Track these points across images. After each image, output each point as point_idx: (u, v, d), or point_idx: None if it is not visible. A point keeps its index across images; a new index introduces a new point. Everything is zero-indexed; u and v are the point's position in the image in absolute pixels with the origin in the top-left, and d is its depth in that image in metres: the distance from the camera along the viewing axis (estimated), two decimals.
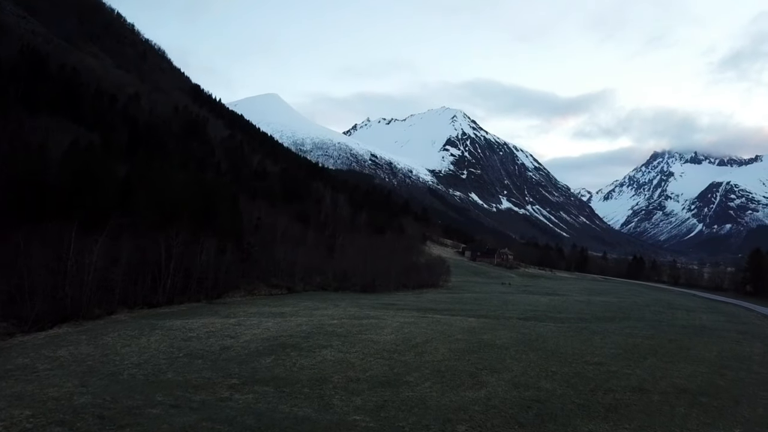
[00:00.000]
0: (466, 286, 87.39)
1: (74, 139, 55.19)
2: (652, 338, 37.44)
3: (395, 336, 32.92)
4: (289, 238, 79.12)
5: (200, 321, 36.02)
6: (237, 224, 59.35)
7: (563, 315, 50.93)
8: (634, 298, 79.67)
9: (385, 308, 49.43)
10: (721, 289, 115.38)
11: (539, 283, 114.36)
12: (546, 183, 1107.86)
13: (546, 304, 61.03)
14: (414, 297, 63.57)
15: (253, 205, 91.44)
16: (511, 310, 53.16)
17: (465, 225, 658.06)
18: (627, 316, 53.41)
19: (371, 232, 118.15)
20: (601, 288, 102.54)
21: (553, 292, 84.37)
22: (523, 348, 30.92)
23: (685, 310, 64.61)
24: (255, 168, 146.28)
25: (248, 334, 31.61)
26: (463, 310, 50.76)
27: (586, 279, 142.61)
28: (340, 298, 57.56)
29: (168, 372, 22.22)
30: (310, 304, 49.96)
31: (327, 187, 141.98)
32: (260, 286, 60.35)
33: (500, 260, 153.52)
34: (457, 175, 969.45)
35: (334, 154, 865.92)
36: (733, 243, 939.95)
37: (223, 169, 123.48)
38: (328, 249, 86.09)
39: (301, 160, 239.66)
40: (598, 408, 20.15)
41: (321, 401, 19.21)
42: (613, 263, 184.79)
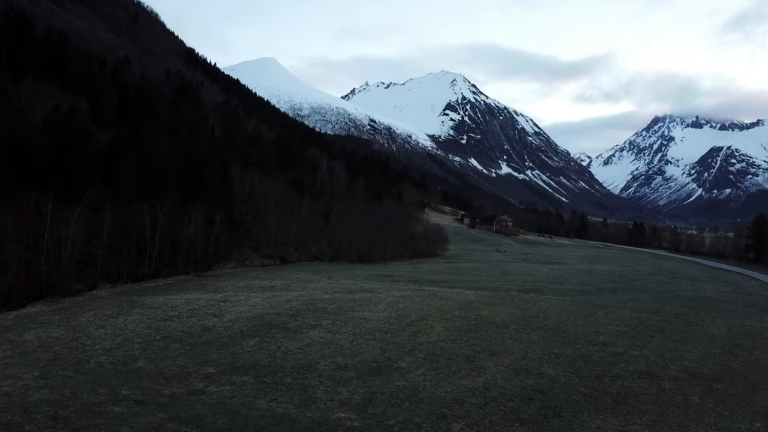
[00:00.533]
0: (464, 255, 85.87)
1: (55, 104, 52.62)
2: (657, 313, 35.86)
3: (389, 313, 31.26)
4: (283, 207, 77.15)
5: (185, 297, 34.33)
6: (227, 193, 57.30)
7: (564, 286, 49.37)
8: (636, 266, 78.21)
9: (381, 280, 47.82)
10: (723, 256, 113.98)
11: (538, 250, 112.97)
12: (546, 148, 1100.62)
13: (546, 274, 59.50)
14: (411, 267, 61.99)
15: (247, 172, 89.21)
16: (510, 281, 51.59)
17: (464, 191, 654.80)
18: (630, 287, 51.88)
19: (368, 199, 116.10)
20: (602, 256, 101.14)
21: (553, 260, 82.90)
22: (524, 326, 29.28)
23: (689, 279, 63.15)
24: (250, 134, 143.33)
25: (233, 312, 29.93)
26: (460, 281, 49.16)
27: (586, 246, 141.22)
28: (334, 269, 55.93)
29: (140, 359, 20.52)
30: (303, 276, 48.31)
31: (323, 153, 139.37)
32: (253, 256, 58.66)
33: (499, 227, 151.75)
34: (456, 140, 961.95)
35: (332, 119, 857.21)
36: (732, 208, 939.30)
37: (217, 135, 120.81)
38: (324, 217, 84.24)
39: (298, 126, 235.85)
40: (605, 398, 18.51)
41: (303, 394, 17.53)
42: (614, 229, 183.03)
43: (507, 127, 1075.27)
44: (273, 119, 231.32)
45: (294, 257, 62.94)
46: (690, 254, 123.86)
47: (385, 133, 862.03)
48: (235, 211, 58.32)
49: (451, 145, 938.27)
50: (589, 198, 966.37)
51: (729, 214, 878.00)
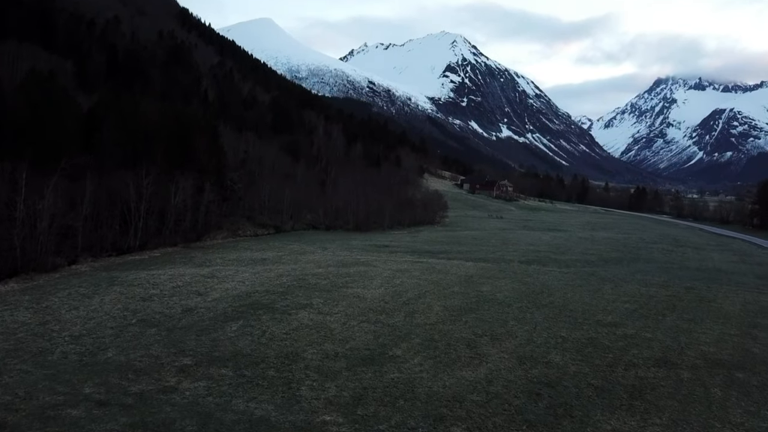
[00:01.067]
0: (464, 222, 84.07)
1: (33, 66, 49.93)
2: (667, 287, 34.19)
3: (384, 290, 29.51)
4: (277, 173, 74.97)
5: (169, 272, 32.54)
6: (218, 160, 55.06)
7: (567, 257, 47.68)
8: (640, 233, 76.52)
9: (378, 251, 46.06)
10: (726, 221, 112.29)
11: (539, 216, 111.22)
12: (547, 110, 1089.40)
13: (548, 243, 57.79)
14: (409, 237, 60.21)
15: (240, 137, 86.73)
16: (511, 251, 49.86)
17: (464, 154, 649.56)
18: (635, 256, 50.21)
19: (366, 165, 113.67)
20: (604, 222, 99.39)
21: (555, 227, 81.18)
22: (528, 304, 27.56)
23: (694, 247, 61.54)
24: (245, 97, 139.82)
25: (219, 289, 28.17)
26: (460, 252, 47.40)
27: (587, 211, 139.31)
28: (330, 239, 54.12)
29: (110, 348, 18.77)
30: (297, 247, 46.52)
31: (320, 117, 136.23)
32: (245, 225, 56.79)
33: (499, 192, 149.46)
34: (456, 102, 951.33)
35: (330, 81, 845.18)
36: (732, 171, 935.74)
37: (211, 99, 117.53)
38: (320, 184, 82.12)
39: (295, 88, 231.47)
40: (619, 393, 16.83)
41: (287, 391, 15.81)
42: (615, 194, 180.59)
43: (508, 89, 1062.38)
44: (269, 82, 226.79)
45: (288, 226, 61.06)
46: (693, 220, 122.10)
47: (384, 96, 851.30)
48: (227, 179, 56.18)
49: (451, 108, 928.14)
50: (589, 161, 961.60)
51: (729, 177, 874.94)
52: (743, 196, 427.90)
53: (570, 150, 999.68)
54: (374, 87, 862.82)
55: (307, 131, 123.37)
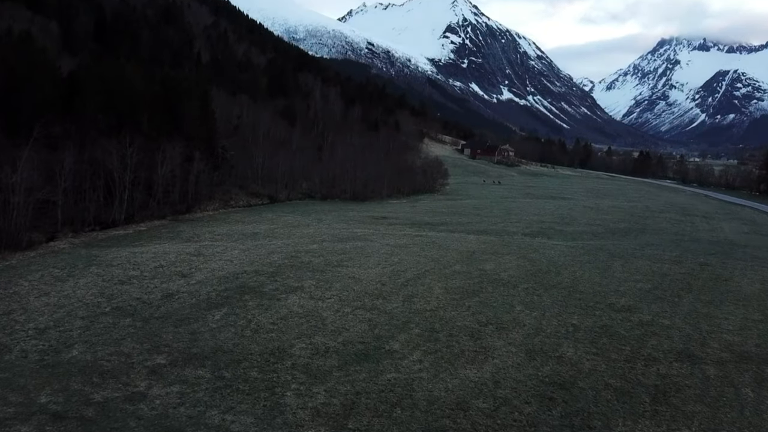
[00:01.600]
0: (464, 190, 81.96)
1: (8, 26, 47.08)
2: (680, 263, 32.38)
3: (382, 269, 27.68)
4: (272, 139, 72.51)
5: (153, 249, 30.66)
6: (209, 126, 52.62)
7: (573, 228, 45.79)
8: (645, 201, 74.56)
9: (375, 223, 44.13)
10: (732, 187, 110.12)
11: (542, 182, 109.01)
12: (548, 72, 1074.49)
13: (552, 213, 55.87)
14: (408, 206, 58.20)
15: (234, 101, 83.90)
16: (514, 222, 47.95)
17: (464, 117, 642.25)
18: (643, 227, 48.35)
19: (364, 129, 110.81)
20: (608, 189, 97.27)
21: (558, 194, 79.15)
22: (534, 285, 25.77)
23: (703, 216, 59.68)
24: (239, 60, 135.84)
25: (205, 270, 26.32)
26: (461, 224, 45.49)
27: (590, 177, 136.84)
28: (326, 210, 52.11)
29: (77, 344, 16.99)
30: (291, 219, 44.57)
31: (317, 80, 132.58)
32: (238, 195, 54.70)
33: (501, 158, 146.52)
34: (457, 64, 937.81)
35: (328, 42, 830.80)
36: (735, 134, 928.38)
37: (204, 61, 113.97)
38: (317, 150, 79.63)
39: (291, 50, 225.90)
40: (641, 395, 15.13)
41: (270, 398, 14.08)
42: (618, 159, 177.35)
43: (509, 50, 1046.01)
44: (265, 44, 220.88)
45: (283, 196, 58.91)
46: (698, 185, 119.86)
47: (383, 57, 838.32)
48: (218, 146, 53.83)
49: (452, 70, 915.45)
50: (590, 124, 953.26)
51: (731, 140, 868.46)
52: (746, 160, 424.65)
53: (571, 113, 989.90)
54: (373, 48, 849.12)
55: (304, 94, 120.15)
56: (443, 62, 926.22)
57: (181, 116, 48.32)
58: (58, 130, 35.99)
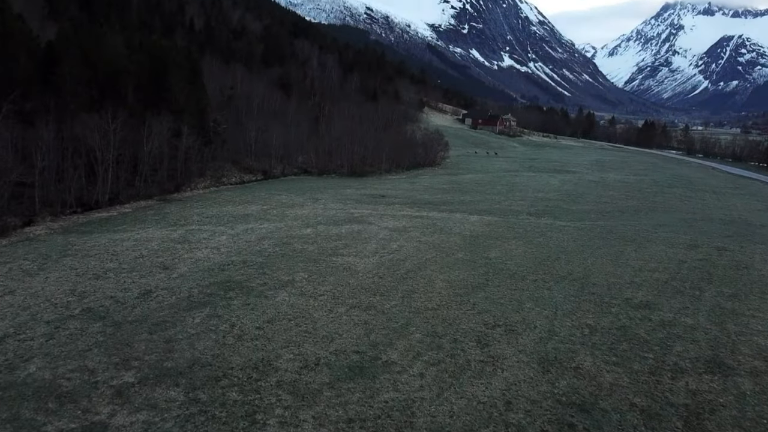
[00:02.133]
0: (466, 163, 79.55)
1: None
2: (695, 247, 30.52)
3: (380, 258, 25.80)
4: (267, 111, 69.88)
5: (136, 235, 28.69)
6: (199, 99, 50.06)
7: (580, 206, 43.75)
8: (652, 174, 72.32)
9: (374, 202, 42.06)
10: (739, 159, 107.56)
11: (545, 154, 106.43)
12: (550, 38, 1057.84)
13: (557, 189, 53.76)
14: (408, 182, 55.93)
15: (227, 71, 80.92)
16: (518, 200, 45.89)
17: (465, 84, 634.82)
18: (652, 205, 46.30)
19: (363, 100, 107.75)
20: (613, 161, 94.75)
21: (562, 167, 76.85)
22: (544, 276, 23.92)
23: (713, 192, 57.60)
24: (234, 27, 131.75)
25: (188, 260, 24.41)
26: (463, 202, 43.44)
27: (594, 148, 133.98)
28: (322, 187, 49.91)
29: (36, 357, 15.16)
30: (285, 198, 42.46)
31: (314, 47, 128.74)
32: (231, 171, 52.48)
33: (502, 128, 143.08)
34: (457, 29, 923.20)
35: (326, 7, 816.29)
36: (737, 101, 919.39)
37: (198, 28, 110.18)
38: (314, 121, 77.00)
39: (288, 16, 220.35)
40: (672, 419, 13.38)
41: (249, 428, 12.25)
42: (622, 129, 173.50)
43: (510, 15, 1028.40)
44: (261, 9, 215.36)
45: (278, 171, 56.63)
46: (704, 156, 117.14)
47: (382, 23, 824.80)
48: (209, 120, 51.37)
49: (452, 35, 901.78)
50: (592, 91, 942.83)
51: (734, 108, 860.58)
52: (749, 128, 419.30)
53: (573, 80, 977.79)
54: (372, 14, 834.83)
55: (300, 63, 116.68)
56: (443, 28, 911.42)
57: (169, 88, 45.78)
58: (33, 105, 33.63)
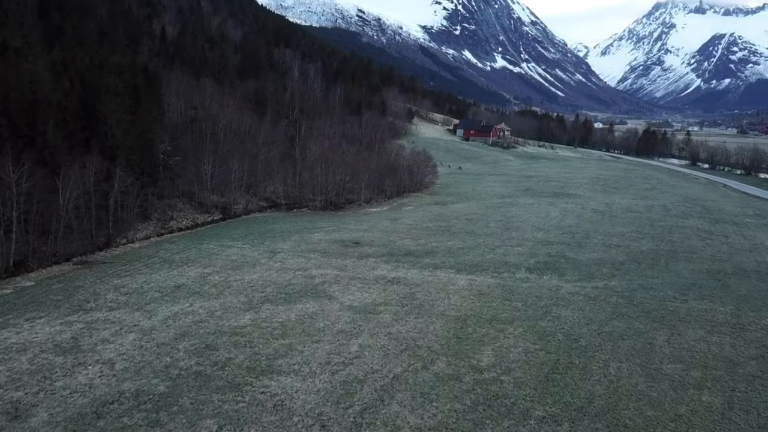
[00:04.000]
0: (456, 185, 72.42)
1: None
2: (742, 330, 23.99)
3: (329, 378, 18.93)
4: (236, 132, 62.87)
5: (11, 337, 21.64)
6: (144, 130, 42.94)
7: (588, 254, 36.91)
8: (660, 197, 65.50)
9: (343, 255, 35.11)
10: (748, 170, 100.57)
11: (541, 169, 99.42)
12: (543, 38, 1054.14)
13: (559, 225, 46.94)
14: (389, 219, 48.62)
15: (197, 86, 73.77)
16: (515, 244, 38.99)
17: (458, 86, 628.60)
18: (671, 247, 39.56)
19: (347, 112, 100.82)
20: (615, 176, 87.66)
21: (562, 189, 69.89)
22: (553, 409, 17.13)
23: (732, 222, 51.00)
24: (212, 34, 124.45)
25: (58, 394, 17.47)
26: (450, 251, 36.54)
27: (592, 158, 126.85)
28: (287, 231, 42.75)
29: None
30: (236, 252, 35.40)
31: (296, 56, 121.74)
32: (184, 210, 45.40)
33: (495, 138, 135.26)
34: (449, 30, 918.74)
35: (317, 9, 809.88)
36: (730, 99, 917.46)
37: (170, 37, 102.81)
38: (290, 142, 69.91)
39: (273, 22, 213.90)
40: None
41: None
42: (621, 137, 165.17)
43: (502, 16, 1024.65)
44: (245, 14, 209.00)
45: (241, 207, 49.44)
46: (710, 167, 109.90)
47: (374, 25, 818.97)
48: (157, 153, 44.32)
49: (444, 37, 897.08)
50: (585, 91, 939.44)
51: (727, 106, 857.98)
52: (746, 128, 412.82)
53: (566, 80, 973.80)
54: (364, 16, 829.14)
55: (281, 72, 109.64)
56: (436, 29, 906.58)
57: (103, 120, 38.77)
58: None
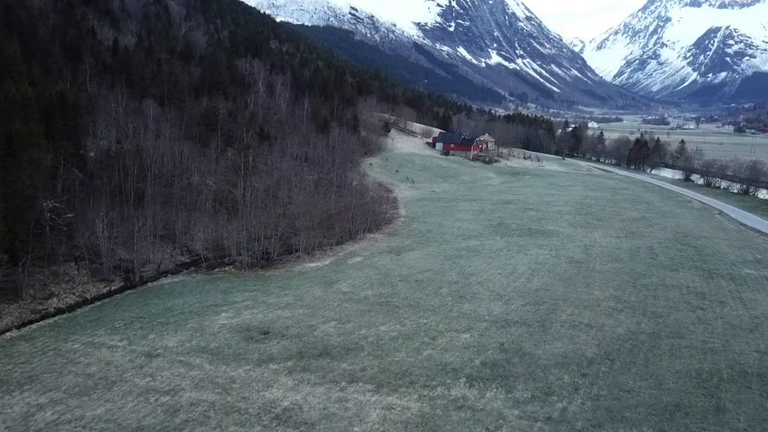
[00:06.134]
0: (422, 217, 64.65)
1: None
2: None
3: None
4: (167, 168, 55.47)
5: None
6: (19, 188, 35.60)
7: (549, 345, 29.53)
8: (648, 234, 57.89)
9: (238, 360, 27.73)
10: (746, 187, 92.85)
11: (522, 190, 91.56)
12: (538, 34, 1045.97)
13: (523, 290, 39.52)
14: (322, 285, 39.94)
15: (135, 111, 66.37)
16: (463, 327, 31.62)
17: (452, 83, 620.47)
18: (655, 328, 32.19)
19: (314, 129, 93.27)
20: (601, 201, 79.47)
21: (539, 225, 62.09)
22: None
23: (729, 275, 43.57)
24: (177, 44, 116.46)
25: None
26: (379, 348, 29.13)
27: (580, 173, 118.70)
28: (188, 310, 35.03)
29: None
30: (104, 356, 27.98)
31: (265, 66, 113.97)
32: (74, 280, 38.06)
33: (477, 152, 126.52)
34: (444, 27, 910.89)
35: (310, 8, 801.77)
36: (726, 92, 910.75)
37: (126, 48, 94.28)
38: (235, 172, 62.46)
39: (252, 23, 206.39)
40: None
41: None
42: (612, 146, 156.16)
43: (497, 12, 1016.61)
44: (224, 17, 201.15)
45: (151, 269, 41.98)
46: (705, 185, 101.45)
47: (367, 23, 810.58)
48: (35, 213, 36.86)
49: (439, 34, 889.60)
50: (581, 86, 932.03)
51: (723, 99, 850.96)
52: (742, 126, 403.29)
53: (561, 75, 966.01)
54: (356, 13, 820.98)
55: (245, 86, 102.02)
56: (430, 26, 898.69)
57: None
58: None
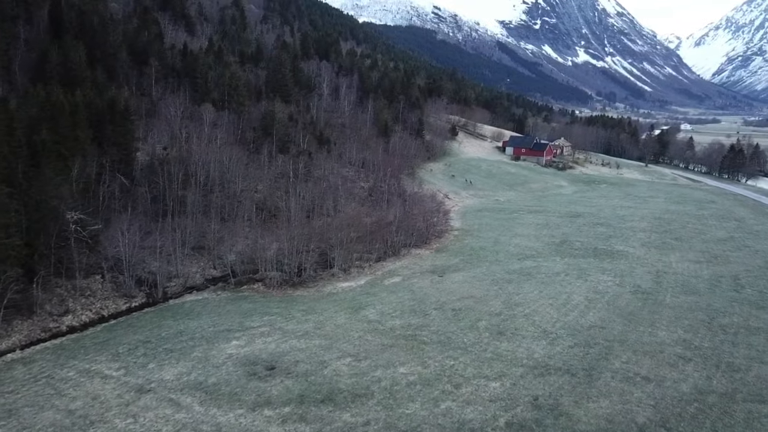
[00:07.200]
0: (476, 233, 59.74)
1: None
2: None
3: None
4: (214, 175, 54.18)
5: None
6: (42, 200, 34.82)
7: (593, 406, 24.95)
8: (735, 258, 50.42)
9: (231, 401, 25.07)
10: None
11: (595, 201, 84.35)
12: (629, 30, 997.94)
13: (574, 327, 34.48)
14: (347, 312, 36.39)
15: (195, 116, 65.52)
16: (495, 373, 27.49)
17: (536, 82, 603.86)
18: (729, 394, 26.75)
19: (376, 134, 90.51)
20: (683, 218, 70.64)
21: (607, 243, 55.77)
22: None
23: None
24: (245, 47, 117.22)
25: None
26: (391, 396, 25.58)
27: (663, 183, 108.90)
28: (199, 335, 32.40)
29: None
30: (95, 388, 26.09)
31: (332, 69, 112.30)
32: (96, 294, 36.94)
33: (550, 157, 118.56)
34: (529, 25, 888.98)
35: (393, 8, 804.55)
36: None
37: (199, 48, 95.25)
38: (286, 177, 60.45)
39: (329, 24, 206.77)
40: None
41: None
42: (703, 152, 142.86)
43: (585, 8, 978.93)
44: (302, 18, 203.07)
45: (177, 285, 40.21)
46: None
47: (450, 22, 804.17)
48: (58, 224, 35.97)
49: (523, 32, 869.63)
50: (675, 85, 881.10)
51: None
52: None
53: (654, 74, 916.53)
54: (439, 12, 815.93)
55: (310, 89, 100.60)
56: (514, 24, 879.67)
57: None
58: None
